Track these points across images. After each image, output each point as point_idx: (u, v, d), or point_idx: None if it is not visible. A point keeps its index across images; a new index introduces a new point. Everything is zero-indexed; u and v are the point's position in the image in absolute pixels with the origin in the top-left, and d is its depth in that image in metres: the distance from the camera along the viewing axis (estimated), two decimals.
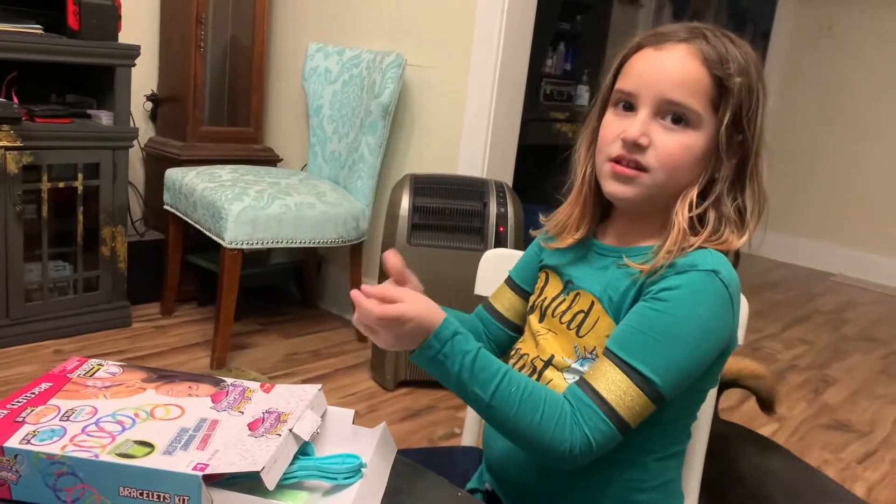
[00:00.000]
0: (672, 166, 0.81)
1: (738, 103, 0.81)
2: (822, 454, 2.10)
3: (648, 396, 0.77)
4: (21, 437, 0.67)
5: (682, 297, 0.78)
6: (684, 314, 0.78)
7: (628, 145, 0.81)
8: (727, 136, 0.81)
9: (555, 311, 0.89)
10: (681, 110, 0.81)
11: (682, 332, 0.77)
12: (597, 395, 0.77)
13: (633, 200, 0.84)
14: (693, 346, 0.78)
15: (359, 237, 2.42)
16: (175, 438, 0.69)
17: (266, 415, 0.76)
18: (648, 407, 0.78)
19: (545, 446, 0.76)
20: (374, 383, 2.25)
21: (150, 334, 2.44)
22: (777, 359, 2.82)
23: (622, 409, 0.77)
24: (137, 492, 0.64)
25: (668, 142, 0.81)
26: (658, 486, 0.89)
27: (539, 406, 0.77)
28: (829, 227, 4.27)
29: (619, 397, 0.77)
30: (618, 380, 0.77)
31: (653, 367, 0.77)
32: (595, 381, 0.78)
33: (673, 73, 0.81)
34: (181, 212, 2.39)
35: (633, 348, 0.78)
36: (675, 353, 0.77)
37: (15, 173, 2.12)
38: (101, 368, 0.85)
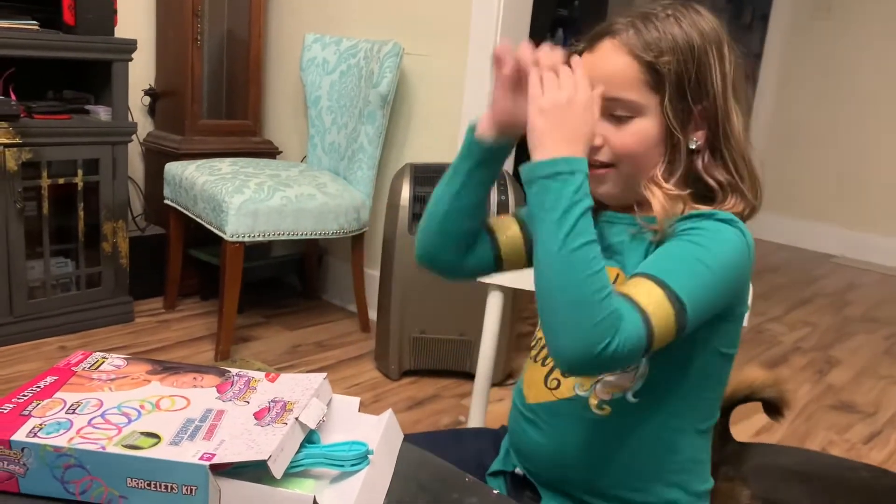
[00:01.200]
0: (631, 156, 0.84)
1: (677, 79, 0.81)
2: (828, 435, 2.11)
3: (676, 317, 0.74)
4: (28, 431, 0.67)
5: (704, 233, 0.79)
6: (708, 246, 0.78)
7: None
8: (676, 111, 0.82)
9: None
10: (621, 105, 0.83)
11: (706, 262, 0.77)
12: (636, 303, 0.74)
13: (612, 195, 0.87)
14: (715, 278, 0.77)
15: (360, 228, 2.41)
16: (181, 429, 0.70)
17: (272, 404, 0.76)
18: (672, 330, 0.74)
19: (589, 328, 0.71)
20: (378, 373, 2.26)
21: (154, 329, 2.44)
22: (780, 341, 2.82)
23: (656, 322, 0.73)
24: (145, 482, 0.64)
25: (620, 135, 0.83)
26: (686, 467, 0.90)
27: (607, 287, 0.73)
28: (829, 208, 4.26)
29: (655, 309, 0.73)
30: (655, 293, 0.74)
31: (682, 287, 0.75)
32: (629, 291, 0.75)
33: (603, 71, 0.83)
34: (182, 206, 2.38)
35: (664, 269, 0.76)
36: (700, 280, 0.76)
37: (14, 170, 2.11)
38: (105, 361, 0.85)
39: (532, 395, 0.92)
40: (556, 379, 0.89)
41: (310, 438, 0.74)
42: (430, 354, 2.23)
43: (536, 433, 0.91)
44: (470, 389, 1.26)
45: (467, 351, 2.19)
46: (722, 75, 0.83)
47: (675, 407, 0.85)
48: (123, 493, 0.65)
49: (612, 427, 0.86)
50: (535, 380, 0.91)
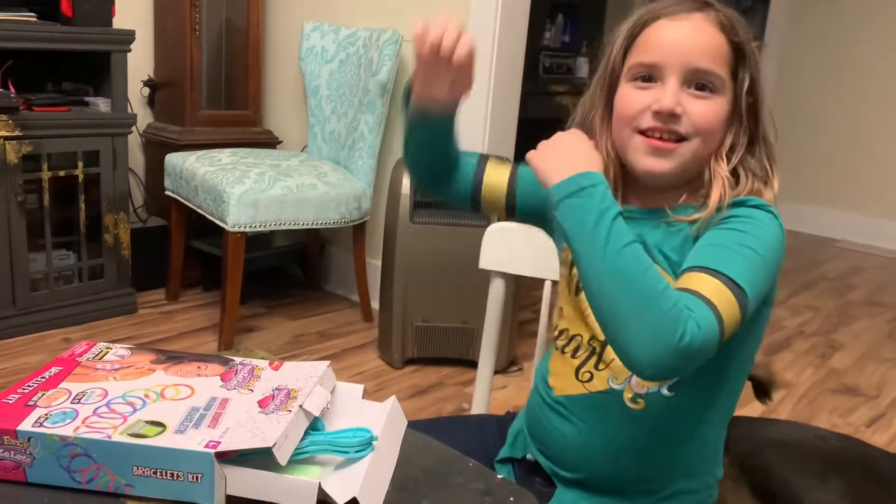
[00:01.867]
0: (707, 131, 0.83)
1: (753, 66, 0.84)
2: (831, 418, 2.11)
3: (738, 302, 0.73)
4: (34, 421, 0.67)
5: (747, 220, 0.80)
6: (753, 231, 0.79)
7: (663, 116, 0.82)
8: (747, 97, 0.84)
9: None
10: (709, 78, 0.82)
11: (754, 247, 0.77)
12: (696, 292, 0.73)
13: (669, 174, 0.84)
14: (764, 261, 0.78)
15: (361, 217, 2.41)
16: (186, 417, 0.70)
17: (276, 392, 0.76)
18: (737, 315, 0.73)
19: (659, 321, 0.69)
20: (381, 362, 2.26)
21: (157, 320, 2.45)
22: (783, 325, 2.82)
23: (722, 308, 0.72)
24: (151, 471, 0.64)
25: (700, 108, 0.82)
26: (707, 457, 0.91)
27: (663, 279, 0.72)
28: (832, 192, 4.25)
29: (718, 297, 0.72)
30: (713, 283, 0.73)
31: (738, 273, 0.74)
32: (690, 285, 0.74)
33: (697, 41, 0.82)
34: (183, 197, 2.38)
35: (717, 259, 0.76)
36: (753, 264, 0.76)
37: (15, 163, 2.11)
38: (109, 352, 0.86)
39: (561, 387, 0.91)
40: (588, 372, 0.88)
41: (314, 426, 0.74)
42: (432, 343, 2.23)
43: (564, 425, 0.90)
44: (473, 377, 1.26)
45: (470, 339, 2.19)
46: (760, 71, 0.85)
47: (707, 400, 0.85)
48: (129, 482, 0.65)
49: (645, 421, 0.86)
50: (565, 372, 0.90)
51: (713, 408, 0.87)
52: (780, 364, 2.46)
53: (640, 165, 0.85)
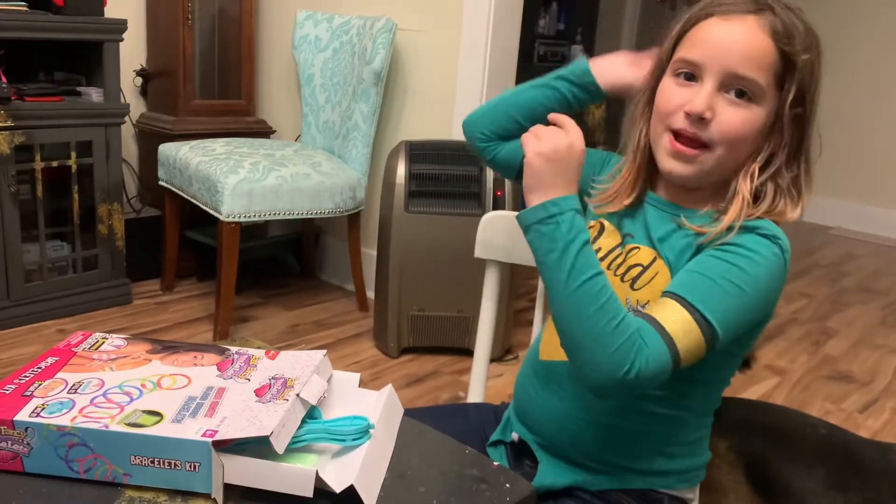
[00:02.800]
0: (733, 141, 0.81)
1: (802, 79, 0.81)
2: (825, 405, 2.13)
3: (705, 339, 0.76)
4: (31, 411, 0.68)
5: (746, 253, 0.78)
6: (746, 268, 0.78)
7: (692, 118, 0.81)
8: (791, 109, 0.81)
9: (610, 263, 0.90)
10: (747, 85, 0.80)
11: (742, 284, 0.77)
12: (659, 325, 0.75)
13: (690, 178, 0.84)
14: (750, 300, 0.78)
15: (356, 206, 2.41)
16: (183, 407, 0.70)
17: (273, 381, 0.76)
18: (702, 350, 0.76)
19: (607, 357, 0.73)
20: (377, 351, 2.27)
21: (152, 311, 2.44)
22: (777, 313, 2.83)
23: (681, 344, 0.75)
24: (148, 460, 0.65)
25: (732, 116, 0.80)
26: (690, 441, 0.92)
27: (619, 314, 0.74)
28: (826, 180, 4.25)
29: (681, 332, 0.75)
30: (681, 317, 0.76)
31: (713, 311, 0.76)
32: (657, 314, 0.77)
33: (741, 45, 0.80)
34: (177, 187, 2.38)
35: (696, 291, 0.77)
36: (734, 303, 0.77)
37: (7, 154, 2.10)
38: (105, 342, 0.85)
39: (547, 353, 0.93)
40: None
41: (311, 414, 0.74)
42: (428, 332, 2.23)
43: (545, 391, 0.92)
44: (468, 366, 1.27)
45: (465, 327, 2.20)
46: (818, 92, 0.84)
47: (688, 391, 0.86)
48: (127, 471, 0.65)
49: (622, 399, 0.87)
50: (554, 340, 0.90)
51: (692, 398, 0.88)
52: (773, 351, 2.47)
53: (662, 165, 0.85)
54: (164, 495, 0.65)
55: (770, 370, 2.32)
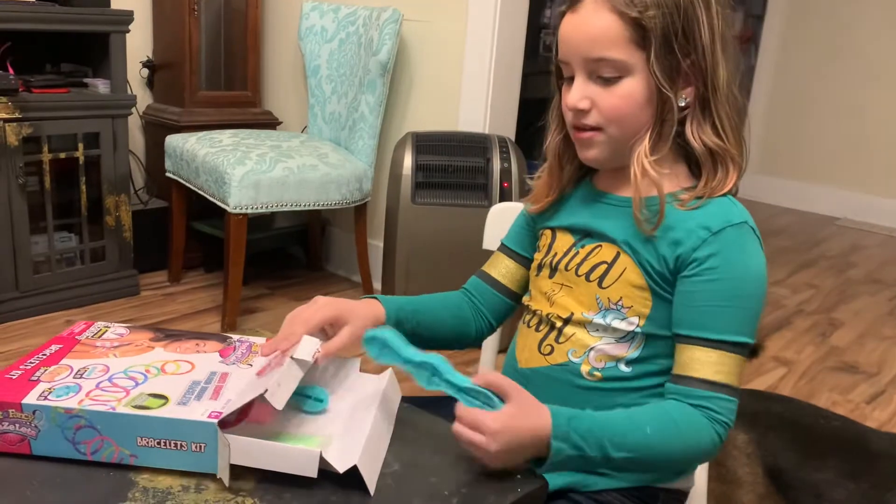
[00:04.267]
0: (619, 118, 0.82)
1: (663, 34, 0.79)
2: (831, 396, 2.12)
3: (742, 355, 0.80)
4: (38, 394, 0.68)
5: (732, 258, 0.80)
6: (740, 273, 0.80)
7: (574, 113, 0.83)
8: (663, 67, 0.79)
9: (568, 265, 0.89)
10: (608, 65, 0.80)
11: (745, 289, 0.80)
12: (710, 384, 0.79)
13: (600, 160, 0.86)
14: (757, 295, 0.81)
15: (362, 198, 2.41)
16: (188, 390, 0.71)
17: (272, 360, 0.77)
18: (744, 362, 0.81)
19: (696, 456, 0.83)
20: None
21: (160, 302, 2.45)
22: (783, 304, 2.82)
23: (734, 380, 0.79)
24: (155, 441, 0.65)
25: (608, 98, 0.81)
26: None
27: (677, 428, 0.79)
28: (833, 170, 4.24)
29: (728, 373, 0.79)
30: (713, 359, 0.79)
31: (736, 330, 0.79)
32: (697, 372, 0.79)
33: (586, 31, 0.81)
34: (184, 178, 2.38)
35: (712, 324, 0.79)
36: (746, 308, 0.80)
37: (15, 145, 2.11)
38: (108, 330, 0.86)
39: (524, 360, 0.92)
40: (549, 345, 0.89)
41: (318, 397, 0.75)
42: None
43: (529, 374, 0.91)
44: (475, 357, 1.27)
45: None
46: (710, 27, 0.81)
47: (665, 379, 0.85)
48: (134, 452, 0.66)
49: (601, 393, 0.86)
50: (529, 345, 0.91)
51: None
52: (780, 342, 2.46)
53: (580, 157, 0.87)
54: (177, 485, 0.65)
55: (776, 361, 2.31)
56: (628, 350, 0.84)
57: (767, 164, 4.31)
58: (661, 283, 0.82)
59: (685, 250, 0.80)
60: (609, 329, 0.84)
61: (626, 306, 0.84)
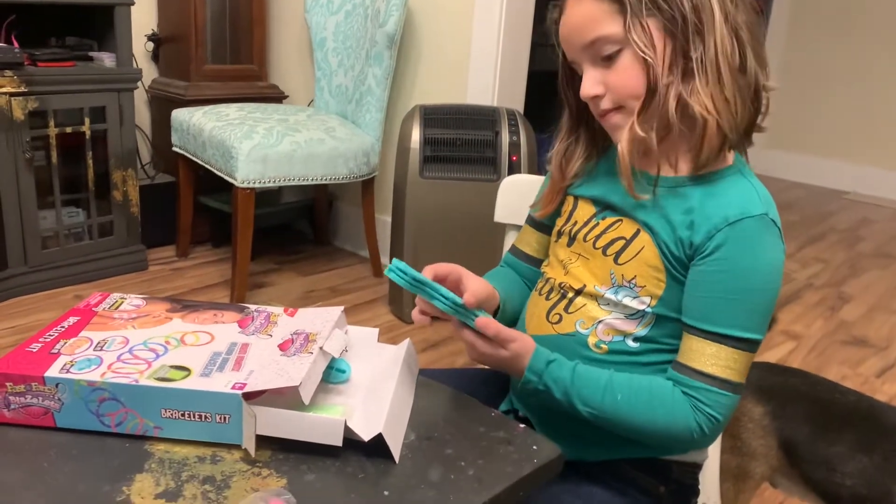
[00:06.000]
0: (629, 92, 0.80)
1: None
2: (841, 370, 2.12)
3: (748, 351, 0.79)
4: (60, 367, 0.68)
5: (744, 249, 0.78)
6: (750, 265, 0.78)
7: (592, 102, 0.84)
8: (639, 32, 0.77)
9: (586, 235, 0.88)
10: (601, 45, 0.80)
11: (754, 283, 0.78)
12: (704, 375, 0.78)
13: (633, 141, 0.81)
14: (767, 289, 0.79)
15: (370, 172, 2.40)
16: (209, 362, 0.70)
17: (294, 336, 0.76)
18: (750, 357, 0.80)
19: (666, 437, 0.80)
20: (392, 316, 2.27)
21: (168, 276, 2.46)
22: (793, 279, 2.82)
23: (733, 375, 0.78)
24: (179, 413, 0.65)
25: (614, 75, 0.81)
26: None
27: (650, 403, 0.79)
28: (841, 144, 4.21)
29: (725, 367, 0.78)
30: (715, 352, 0.78)
31: (741, 325, 0.78)
32: (694, 363, 0.79)
33: (576, 21, 0.81)
34: (190, 153, 2.37)
35: (716, 317, 0.78)
36: (754, 303, 0.78)
37: (22, 120, 2.10)
38: (124, 301, 0.86)
39: (532, 327, 0.91)
40: (558, 314, 0.88)
41: (341, 368, 0.74)
42: None
43: None
44: None
45: None
46: None
47: (672, 358, 0.84)
48: (158, 424, 0.66)
49: (605, 366, 0.85)
50: (537, 313, 0.91)
51: None
52: (789, 316, 2.46)
53: (614, 142, 0.85)
54: (193, 455, 0.65)
55: (786, 335, 2.31)
56: (637, 327, 0.83)
57: (776, 138, 4.27)
58: (677, 265, 0.81)
59: (700, 237, 0.79)
60: (620, 305, 0.84)
61: (639, 285, 0.83)
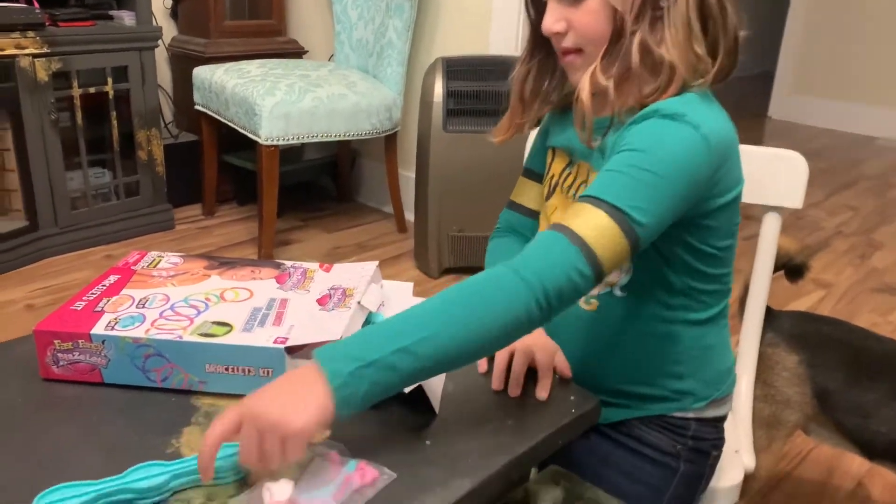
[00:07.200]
0: (594, 36, 0.78)
1: None
2: (871, 317, 2.10)
3: (623, 232, 0.70)
4: (105, 324, 0.69)
5: (645, 137, 0.74)
6: (650, 149, 0.72)
7: (553, 37, 0.81)
8: None
9: (562, 185, 0.89)
10: None
11: (650, 166, 0.72)
12: (572, 233, 0.70)
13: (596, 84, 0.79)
14: (664, 179, 0.72)
15: (392, 127, 2.38)
16: (250, 317, 0.71)
17: (332, 291, 0.77)
18: (624, 246, 0.70)
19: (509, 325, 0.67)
20: (419, 272, 2.28)
21: (196, 235, 2.48)
22: (822, 227, 2.78)
23: (598, 246, 0.69)
24: (223, 367, 0.66)
25: (580, 15, 0.79)
26: (697, 354, 0.86)
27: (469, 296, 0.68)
28: (871, 89, 4.10)
29: (595, 232, 0.69)
30: (595, 216, 0.70)
31: (627, 201, 0.70)
32: (569, 221, 0.71)
33: None
34: (213, 111, 2.37)
35: (606, 187, 0.72)
36: (646, 187, 0.71)
37: (45, 81, 2.10)
38: (162, 259, 0.87)
39: None
40: None
41: (373, 320, 0.75)
42: (468, 252, 2.24)
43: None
44: None
45: None
46: None
47: (664, 300, 0.82)
48: (203, 379, 0.67)
49: (600, 321, 0.84)
50: None
51: (673, 309, 0.83)
52: (819, 264, 2.43)
53: (570, 81, 0.84)
54: None
55: (815, 283, 2.29)
56: (619, 275, 0.82)
57: (804, 84, 4.18)
58: None
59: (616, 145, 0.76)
60: None
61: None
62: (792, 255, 1.21)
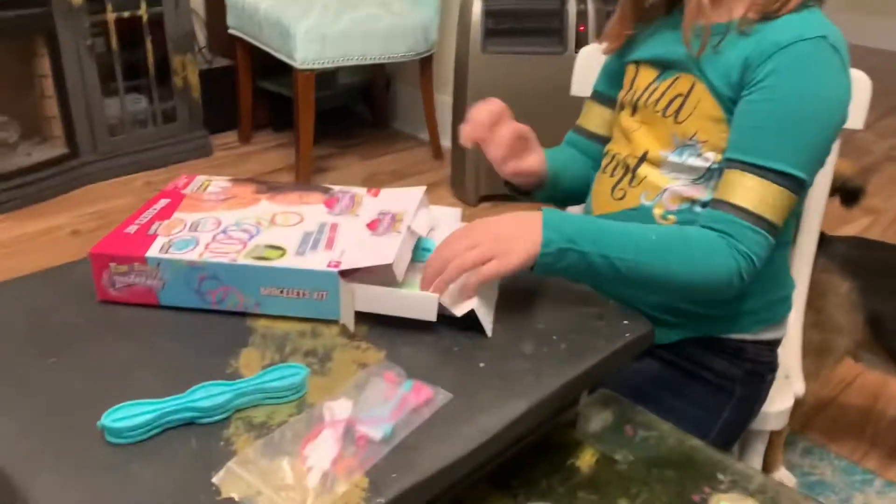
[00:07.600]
0: None
1: None
2: None
3: (789, 189, 0.73)
4: (159, 248, 0.70)
5: (793, 76, 0.72)
6: (802, 93, 0.72)
7: None
8: None
9: (647, 100, 0.84)
10: None
11: (803, 113, 0.72)
12: (738, 209, 0.73)
13: None
14: (818, 122, 0.73)
15: (428, 49, 2.33)
16: (302, 241, 0.71)
17: (381, 216, 0.76)
18: (792, 199, 0.74)
19: (706, 282, 0.74)
20: (456, 199, 2.27)
21: (234, 161, 2.48)
22: (871, 150, 2.69)
23: (770, 212, 0.73)
24: (278, 290, 0.67)
25: None
26: (764, 276, 0.83)
27: (684, 246, 0.74)
28: None
29: (762, 202, 0.72)
30: (754, 185, 0.73)
31: (785, 158, 0.72)
32: (730, 196, 0.74)
33: None
34: (248, 34, 2.33)
35: (759, 148, 0.73)
36: (801, 136, 0.73)
37: (80, 5, 2.08)
38: (210, 184, 0.87)
39: (598, 206, 0.89)
40: (622, 189, 0.85)
41: (425, 245, 0.75)
42: None
43: None
44: None
45: None
46: None
47: None
48: (258, 301, 0.68)
49: None
50: (602, 191, 0.88)
51: None
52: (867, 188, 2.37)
53: None
54: (294, 330, 0.67)
55: (862, 210, 2.22)
56: (704, 191, 0.80)
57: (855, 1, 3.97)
58: None
59: (751, 69, 0.74)
60: (685, 168, 0.80)
61: (701, 140, 0.79)
62: (848, 178, 1.18)
